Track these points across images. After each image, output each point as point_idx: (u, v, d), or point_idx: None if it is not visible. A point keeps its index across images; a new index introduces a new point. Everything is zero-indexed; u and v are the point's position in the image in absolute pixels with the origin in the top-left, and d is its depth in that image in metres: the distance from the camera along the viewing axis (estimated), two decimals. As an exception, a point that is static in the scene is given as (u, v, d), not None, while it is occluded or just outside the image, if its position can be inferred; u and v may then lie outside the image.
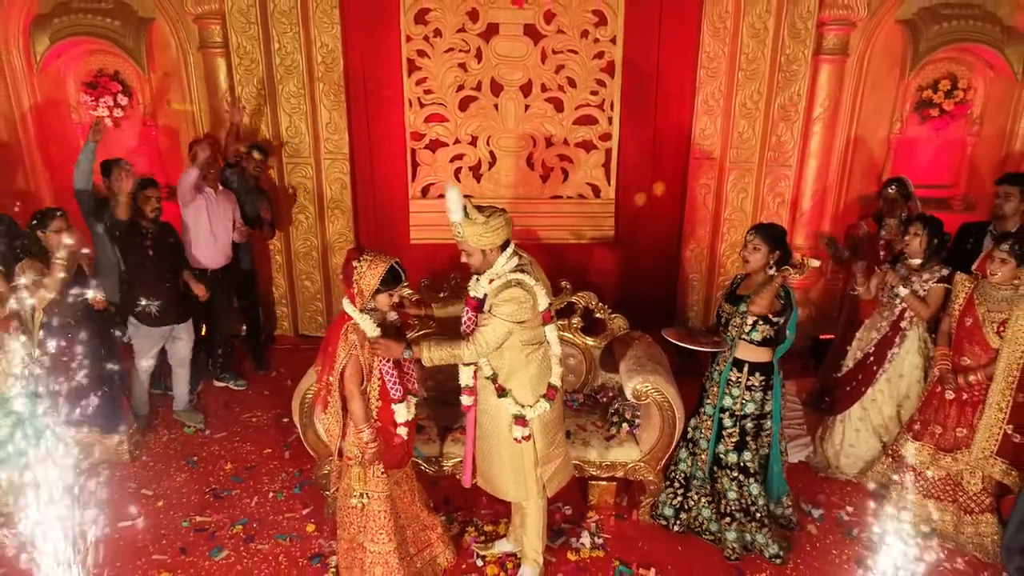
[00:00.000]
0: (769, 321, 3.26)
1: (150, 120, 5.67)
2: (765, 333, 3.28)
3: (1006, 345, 3.33)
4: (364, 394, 2.87)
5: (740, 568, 3.46)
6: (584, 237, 5.81)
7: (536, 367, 3.00)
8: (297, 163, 5.58)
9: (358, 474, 2.93)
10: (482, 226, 2.79)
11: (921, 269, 3.78)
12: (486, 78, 5.52)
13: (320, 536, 3.66)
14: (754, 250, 3.30)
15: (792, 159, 5.45)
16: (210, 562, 3.48)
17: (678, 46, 5.38)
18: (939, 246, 3.74)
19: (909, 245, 3.80)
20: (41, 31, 5.38)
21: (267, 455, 4.38)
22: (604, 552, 3.57)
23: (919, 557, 3.25)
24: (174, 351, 4.62)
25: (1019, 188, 4.05)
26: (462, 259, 2.92)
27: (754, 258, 3.33)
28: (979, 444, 3.46)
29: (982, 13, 5.27)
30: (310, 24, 5.26)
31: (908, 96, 5.53)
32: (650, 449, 3.62)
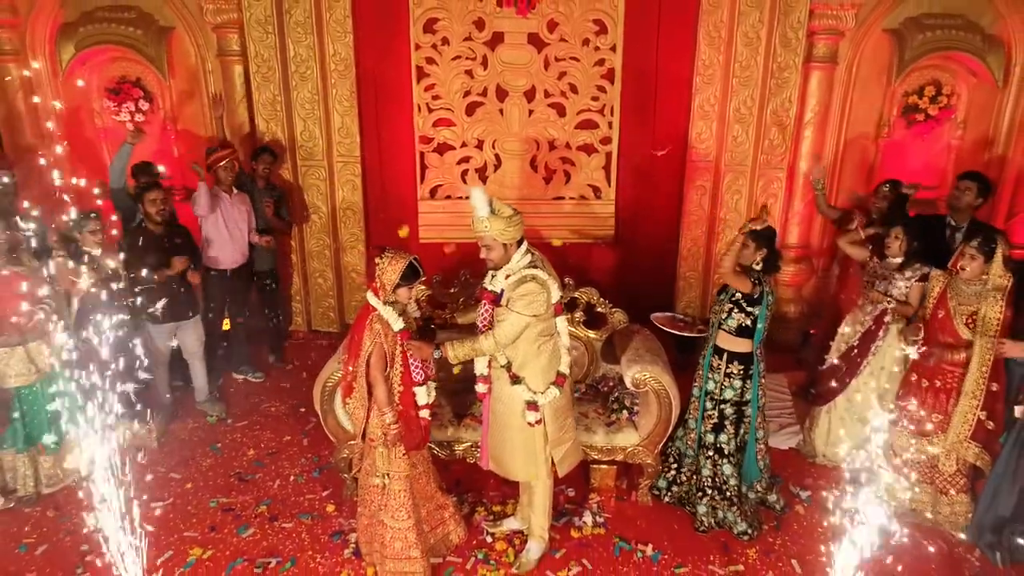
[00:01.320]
0: (743, 309, 3.53)
1: (170, 124, 5.92)
2: (740, 321, 3.55)
3: (978, 337, 3.59)
4: (388, 380, 3.12)
5: (725, 542, 3.73)
6: (586, 236, 6.07)
7: (547, 356, 3.26)
8: (311, 166, 5.84)
9: (382, 454, 3.19)
10: (506, 221, 3.06)
11: (901, 268, 4.04)
12: (492, 84, 5.77)
13: (340, 516, 3.92)
14: (743, 248, 3.56)
15: (784, 162, 5.71)
16: (238, 539, 3.74)
17: (675, 54, 5.64)
18: (918, 248, 4.01)
19: (890, 248, 4.06)
20: (67, 39, 5.63)
21: (287, 442, 4.64)
22: (605, 530, 3.83)
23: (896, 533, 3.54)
24: (184, 346, 4.84)
25: (977, 184, 4.35)
26: (482, 255, 3.18)
27: (744, 255, 3.59)
28: (954, 429, 3.72)
29: (965, 23, 5.52)
30: (324, 34, 5.52)
31: (895, 101, 5.79)
32: (648, 434, 3.89)
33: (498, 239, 3.09)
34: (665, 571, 3.56)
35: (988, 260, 3.60)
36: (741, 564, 3.61)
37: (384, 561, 3.40)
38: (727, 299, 3.65)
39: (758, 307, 3.58)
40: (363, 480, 3.43)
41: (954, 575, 3.57)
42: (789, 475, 4.30)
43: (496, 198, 3.16)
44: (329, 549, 3.68)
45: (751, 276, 3.57)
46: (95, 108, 5.87)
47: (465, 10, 5.57)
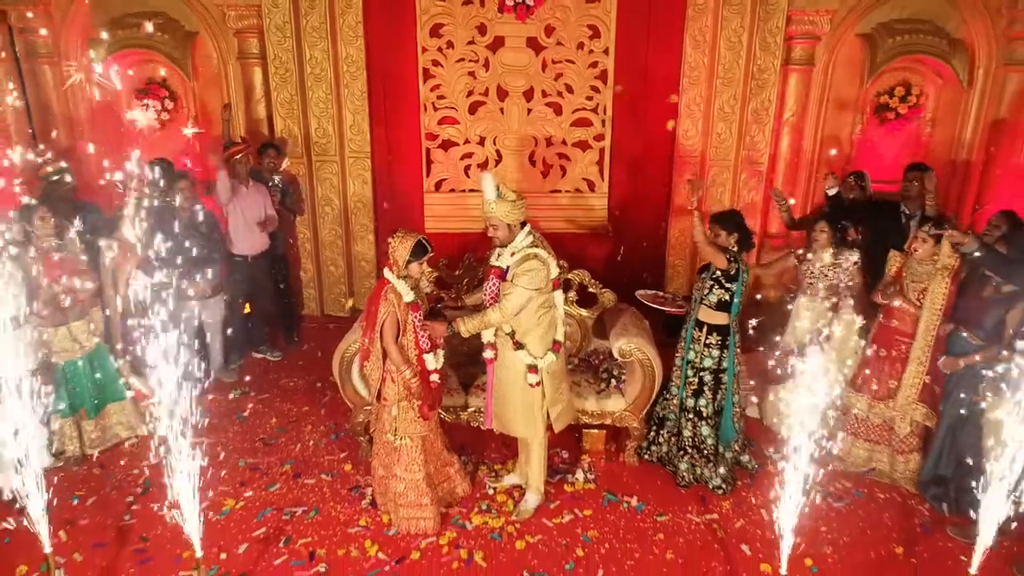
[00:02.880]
0: (722, 285, 3.97)
1: (195, 124, 6.35)
2: (719, 296, 3.99)
3: (925, 310, 4.03)
4: (401, 346, 3.55)
5: (703, 495, 4.16)
6: (580, 226, 6.50)
7: (546, 326, 3.69)
8: (324, 161, 6.27)
9: (398, 414, 3.62)
10: (511, 204, 3.50)
11: (835, 261, 4.48)
12: (493, 85, 6.20)
13: (356, 473, 4.36)
14: (715, 236, 4.01)
15: (764, 157, 6.14)
16: (267, 493, 4.17)
17: (663, 56, 6.07)
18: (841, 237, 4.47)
19: (817, 240, 4.52)
20: (98, 43, 6.06)
21: (305, 412, 5.07)
22: (595, 485, 4.27)
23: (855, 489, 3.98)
24: (206, 322, 5.29)
25: (923, 174, 4.81)
26: (489, 233, 3.62)
27: (718, 240, 4.03)
28: (904, 392, 4.15)
29: (932, 28, 5.95)
30: (337, 38, 5.95)
31: (868, 101, 6.22)
32: (633, 400, 4.32)
33: (503, 220, 3.53)
34: (648, 519, 4.00)
35: (937, 243, 4.03)
36: (716, 513, 4.04)
37: (398, 509, 3.84)
38: (708, 277, 4.09)
39: (735, 283, 4.02)
40: (378, 437, 3.86)
41: (906, 523, 4.00)
42: (763, 440, 4.73)
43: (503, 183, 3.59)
44: (348, 501, 4.12)
45: (727, 254, 4.00)
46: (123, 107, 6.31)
47: (468, 16, 6.00)
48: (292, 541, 3.80)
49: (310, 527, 3.91)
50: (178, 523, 3.79)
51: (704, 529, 3.93)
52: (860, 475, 4.37)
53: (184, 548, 3.71)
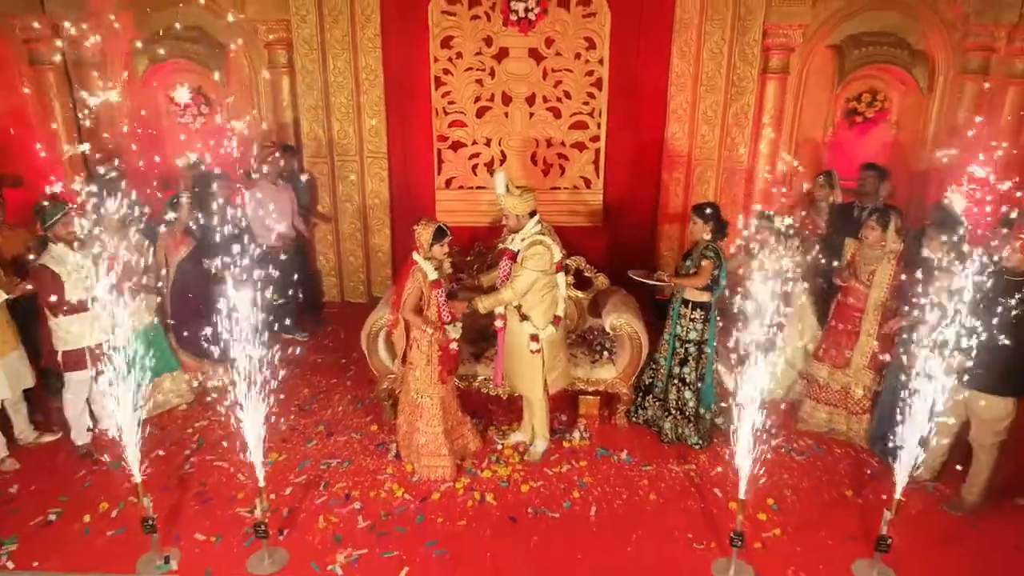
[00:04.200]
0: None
1: (226, 125, 6.98)
2: None
3: (874, 289, 4.66)
4: (426, 319, 4.17)
5: (683, 451, 4.80)
6: (577, 221, 7.13)
7: (548, 302, 4.33)
8: (345, 161, 6.91)
9: (424, 369, 4.26)
10: (518, 198, 4.15)
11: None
12: (498, 91, 6.83)
13: (381, 433, 5.00)
14: (693, 224, 4.65)
15: (744, 157, 6.77)
16: (305, 448, 4.82)
17: (653, 66, 6.69)
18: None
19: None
20: (141, 54, 6.71)
21: (333, 384, 5.71)
22: (589, 442, 4.91)
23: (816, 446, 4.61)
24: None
25: (875, 172, 5.44)
26: (503, 221, 4.28)
27: (694, 230, 4.67)
28: (856, 361, 4.79)
29: (895, 40, 6.58)
30: (358, 50, 6.58)
31: (838, 106, 6.86)
32: (623, 369, 4.96)
33: (512, 211, 4.17)
34: (635, 469, 4.64)
35: (884, 230, 4.67)
36: (693, 464, 4.68)
37: (420, 458, 4.48)
38: (693, 264, 4.70)
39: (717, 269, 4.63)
40: (403, 398, 4.50)
41: (857, 472, 4.63)
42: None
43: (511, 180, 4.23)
44: (376, 454, 4.76)
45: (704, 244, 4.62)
46: (162, 111, 6.95)
47: (476, 29, 6.63)
48: (330, 486, 4.45)
49: (344, 475, 4.55)
50: (230, 470, 4.47)
51: (683, 477, 4.57)
52: (821, 434, 5.00)
53: (238, 490, 4.38)
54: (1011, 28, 6.37)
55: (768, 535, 4.06)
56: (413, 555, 3.88)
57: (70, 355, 4.51)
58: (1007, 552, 3.96)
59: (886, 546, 3.67)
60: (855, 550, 3.93)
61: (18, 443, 4.76)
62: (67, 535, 4.01)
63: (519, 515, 4.20)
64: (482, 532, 4.08)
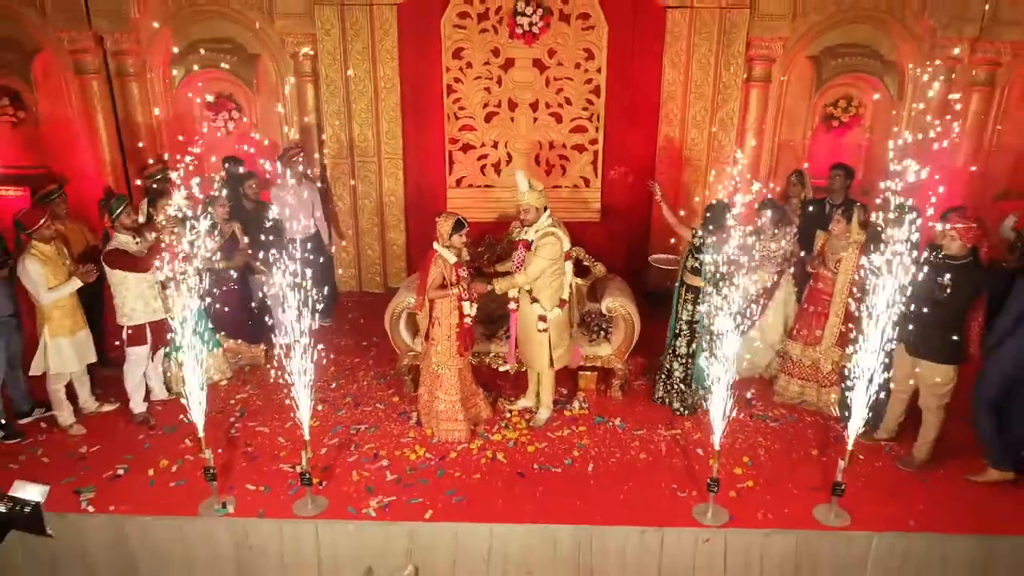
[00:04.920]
0: (693, 255, 5.18)
1: (255, 130, 7.61)
2: (692, 263, 5.21)
3: (840, 275, 5.27)
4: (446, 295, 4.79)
5: (671, 419, 5.42)
6: (578, 216, 7.72)
7: (556, 287, 4.95)
8: (365, 162, 7.53)
9: (444, 343, 4.88)
10: (538, 193, 4.79)
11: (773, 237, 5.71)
12: (505, 98, 7.44)
13: (403, 404, 5.61)
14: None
15: (730, 159, 7.38)
16: (335, 416, 5.44)
17: (646, 74, 7.30)
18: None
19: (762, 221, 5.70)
20: (178, 64, 7.33)
21: (357, 363, 6.32)
22: (587, 411, 5.53)
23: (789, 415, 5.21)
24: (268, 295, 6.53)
25: (843, 171, 6.05)
26: (520, 216, 4.89)
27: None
28: (826, 340, 5.40)
29: (868, 51, 7.19)
30: (376, 60, 7.19)
31: (816, 111, 7.46)
32: (618, 346, 5.58)
33: (533, 205, 4.80)
34: (628, 434, 5.26)
35: (849, 223, 5.28)
36: (679, 430, 5.30)
37: (439, 423, 5.10)
38: (688, 250, 5.32)
39: (702, 254, 5.24)
40: (425, 369, 5.12)
41: (824, 436, 5.24)
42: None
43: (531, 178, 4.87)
44: (399, 422, 5.38)
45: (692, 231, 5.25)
46: (196, 116, 7.57)
47: (484, 41, 7.25)
48: (359, 447, 5.07)
49: (372, 438, 5.18)
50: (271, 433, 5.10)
51: (670, 440, 5.20)
52: (794, 405, 5.62)
53: (280, 449, 5.01)
54: (973, 40, 7.00)
55: (742, 486, 4.68)
56: (435, 501, 4.50)
57: (133, 331, 5.14)
58: (950, 504, 4.56)
59: (840, 491, 4.28)
60: (817, 498, 4.55)
61: (82, 411, 5.38)
62: (135, 486, 4.63)
63: (526, 470, 4.83)
64: (494, 484, 4.70)
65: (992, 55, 7.08)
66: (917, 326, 4.35)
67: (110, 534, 4.39)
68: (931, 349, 4.52)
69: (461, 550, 4.37)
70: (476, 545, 4.37)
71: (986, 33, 6.96)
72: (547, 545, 4.35)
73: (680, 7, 6.98)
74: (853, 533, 4.32)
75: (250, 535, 4.37)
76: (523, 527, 4.35)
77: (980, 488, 4.65)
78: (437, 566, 4.39)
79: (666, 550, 4.33)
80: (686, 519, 4.40)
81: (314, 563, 4.40)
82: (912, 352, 4.61)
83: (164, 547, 4.41)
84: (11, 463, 4.85)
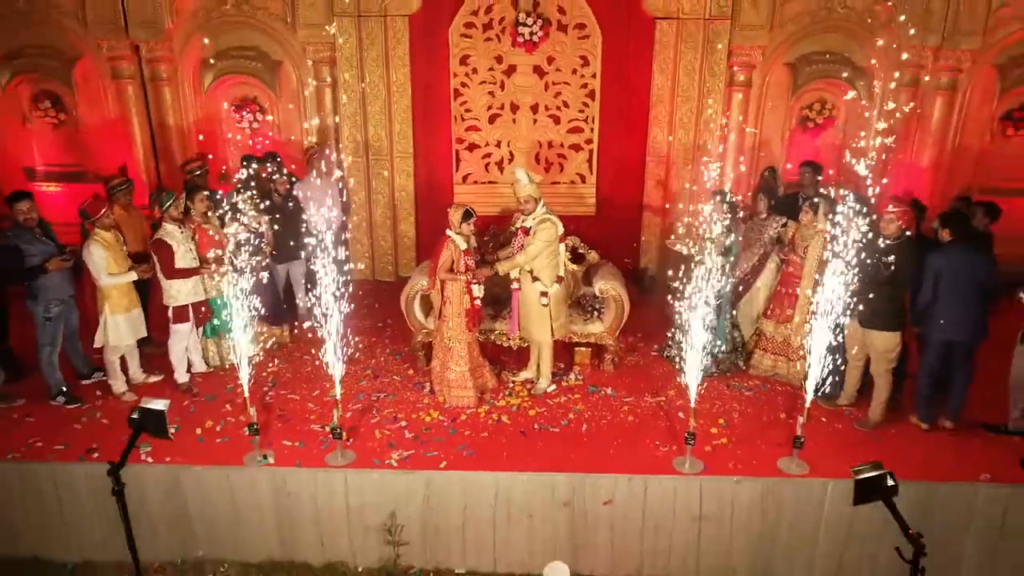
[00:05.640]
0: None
1: (278, 131, 8.26)
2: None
3: (808, 261, 5.92)
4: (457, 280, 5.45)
5: (656, 388, 6.08)
6: (574, 210, 8.37)
7: (553, 266, 5.62)
8: (378, 160, 8.19)
9: (454, 320, 5.54)
10: (536, 186, 5.47)
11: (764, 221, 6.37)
12: (507, 101, 8.11)
13: (417, 376, 6.27)
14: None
15: (713, 156, 8.03)
16: (357, 385, 6.10)
17: (637, 80, 7.97)
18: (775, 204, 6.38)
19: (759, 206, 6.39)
20: (208, 70, 7.99)
21: (374, 341, 6.97)
22: (582, 382, 6.19)
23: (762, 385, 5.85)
24: (292, 277, 7.19)
25: (811, 168, 6.71)
26: (522, 206, 5.55)
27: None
28: (796, 317, 6.06)
29: (839, 58, 7.86)
30: (390, 66, 7.85)
31: (793, 113, 8.13)
32: (609, 324, 6.24)
33: (533, 195, 5.46)
34: (618, 400, 5.92)
35: (815, 214, 5.93)
36: (663, 397, 5.97)
37: (450, 391, 5.76)
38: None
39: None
40: (437, 344, 5.78)
41: (792, 403, 5.89)
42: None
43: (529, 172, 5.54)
44: (414, 391, 6.04)
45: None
46: (223, 118, 8.23)
47: (489, 49, 7.91)
48: (380, 411, 5.74)
49: (391, 404, 5.84)
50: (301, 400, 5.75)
51: (655, 405, 5.86)
52: (767, 377, 6.28)
53: (310, 413, 5.68)
54: (936, 49, 7.67)
55: (716, 443, 5.34)
56: (449, 454, 5.17)
57: (177, 310, 5.80)
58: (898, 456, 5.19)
59: (800, 443, 4.95)
60: (782, 452, 5.21)
61: (132, 382, 6.03)
62: (185, 442, 5.29)
63: (527, 430, 5.50)
64: (499, 441, 5.36)
65: (953, 62, 7.75)
66: (865, 301, 5.02)
67: (167, 482, 5.04)
68: (877, 320, 5.19)
69: (471, 496, 5.03)
70: (484, 491, 5.02)
71: (947, 42, 7.64)
72: (546, 491, 5.01)
73: (668, 18, 7.66)
74: (811, 480, 4.98)
75: (288, 483, 5.03)
76: (525, 476, 5.01)
77: (926, 443, 5.33)
78: (451, 510, 5.05)
79: (649, 495, 4.99)
80: (667, 469, 5.06)
81: (343, 507, 5.06)
82: (863, 325, 5.27)
83: (213, 494, 5.07)
84: (75, 423, 5.52)
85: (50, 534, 5.21)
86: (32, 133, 8.32)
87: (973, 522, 4.98)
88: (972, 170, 8.25)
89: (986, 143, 8.17)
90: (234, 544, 5.18)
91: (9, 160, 8.37)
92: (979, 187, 8.21)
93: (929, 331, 5.20)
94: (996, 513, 4.95)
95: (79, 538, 5.20)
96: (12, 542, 5.22)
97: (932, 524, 4.86)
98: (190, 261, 5.77)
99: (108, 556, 5.14)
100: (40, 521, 5.18)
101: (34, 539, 5.22)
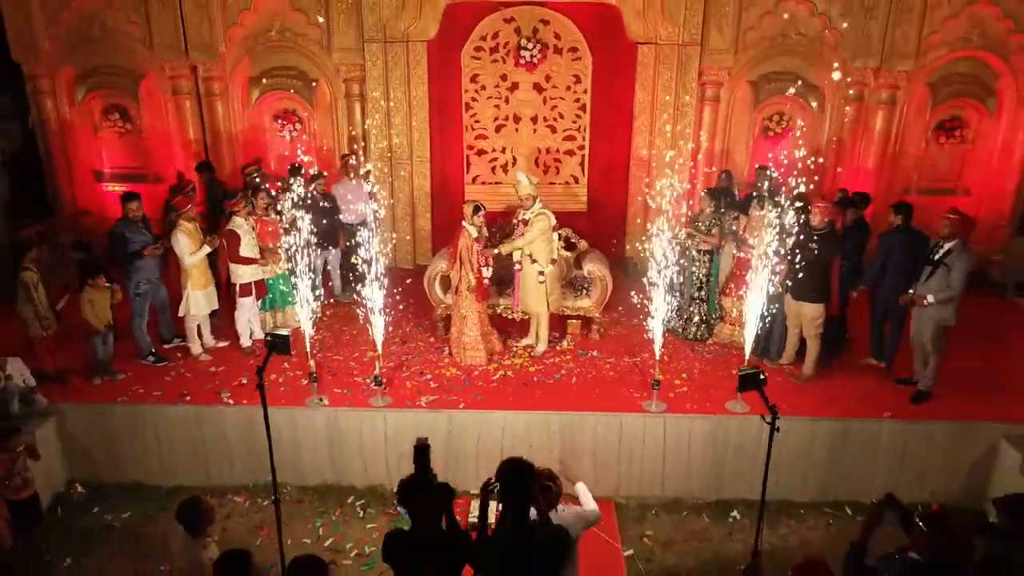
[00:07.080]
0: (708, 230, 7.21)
1: (313, 139, 9.61)
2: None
3: (756, 248, 7.27)
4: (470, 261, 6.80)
5: (634, 351, 7.42)
6: (568, 207, 9.71)
7: (549, 250, 6.96)
8: (400, 163, 9.53)
9: (467, 294, 6.89)
10: (536, 187, 6.80)
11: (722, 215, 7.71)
12: (511, 113, 9.45)
13: (437, 342, 7.62)
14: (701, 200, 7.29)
15: (687, 162, 9.37)
16: (389, 349, 7.43)
17: (622, 95, 9.30)
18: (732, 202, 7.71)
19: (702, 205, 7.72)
20: (255, 87, 9.34)
21: (400, 313, 8.30)
22: (572, 347, 7.54)
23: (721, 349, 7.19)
24: (330, 263, 8.55)
25: (767, 171, 8.03)
26: (522, 202, 6.88)
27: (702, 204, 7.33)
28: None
29: (795, 77, 9.18)
30: (410, 83, 9.19)
31: (756, 124, 9.47)
32: (595, 300, 7.58)
33: (533, 194, 6.80)
34: (602, 361, 7.27)
35: (763, 208, 7.26)
36: (639, 358, 7.31)
37: (465, 352, 7.12)
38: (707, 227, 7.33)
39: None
40: (455, 314, 7.13)
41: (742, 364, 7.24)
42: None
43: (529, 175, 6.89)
44: (436, 353, 7.40)
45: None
46: (265, 127, 9.58)
47: (495, 69, 9.25)
48: (409, 368, 7.09)
49: (417, 363, 7.20)
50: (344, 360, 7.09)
51: (632, 365, 7.21)
52: (726, 343, 7.62)
53: (353, 370, 7.01)
54: (875, 70, 9.01)
55: (678, 391, 6.69)
56: (466, 398, 6.53)
57: (242, 287, 7.15)
58: (821, 401, 6.54)
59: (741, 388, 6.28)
60: (729, 397, 6.54)
61: (205, 346, 7.38)
62: (254, 391, 6.60)
63: (528, 382, 6.85)
64: (506, 390, 6.72)
65: (891, 81, 9.08)
66: (796, 278, 6.38)
67: (243, 421, 6.38)
68: (806, 293, 6.54)
69: (484, 430, 6.37)
70: (494, 428, 6.37)
71: (885, 64, 8.96)
72: (543, 427, 6.35)
73: (648, 43, 9.00)
74: (752, 417, 6.30)
75: (339, 420, 6.38)
76: (526, 414, 6.36)
77: (843, 390, 6.69)
78: (467, 442, 6.39)
79: (624, 430, 6.33)
80: (638, 409, 6.41)
81: (382, 440, 6.40)
82: (795, 297, 6.62)
83: (280, 431, 6.38)
84: (165, 376, 6.88)
85: (150, 463, 6.55)
86: (102, 141, 9.67)
87: (879, 449, 6.32)
88: (910, 172, 9.57)
89: (922, 149, 9.49)
90: (294, 470, 6.52)
91: (82, 163, 9.71)
92: (916, 187, 9.56)
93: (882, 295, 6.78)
94: (898, 443, 6.30)
95: (172, 466, 6.54)
96: (120, 471, 6.57)
97: (846, 453, 6.24)
98: (252, 249, 7.11)
99: (195, 481, 6.47)
100: (142, 453, 6.52)
101: (136, 467, 6.57)
